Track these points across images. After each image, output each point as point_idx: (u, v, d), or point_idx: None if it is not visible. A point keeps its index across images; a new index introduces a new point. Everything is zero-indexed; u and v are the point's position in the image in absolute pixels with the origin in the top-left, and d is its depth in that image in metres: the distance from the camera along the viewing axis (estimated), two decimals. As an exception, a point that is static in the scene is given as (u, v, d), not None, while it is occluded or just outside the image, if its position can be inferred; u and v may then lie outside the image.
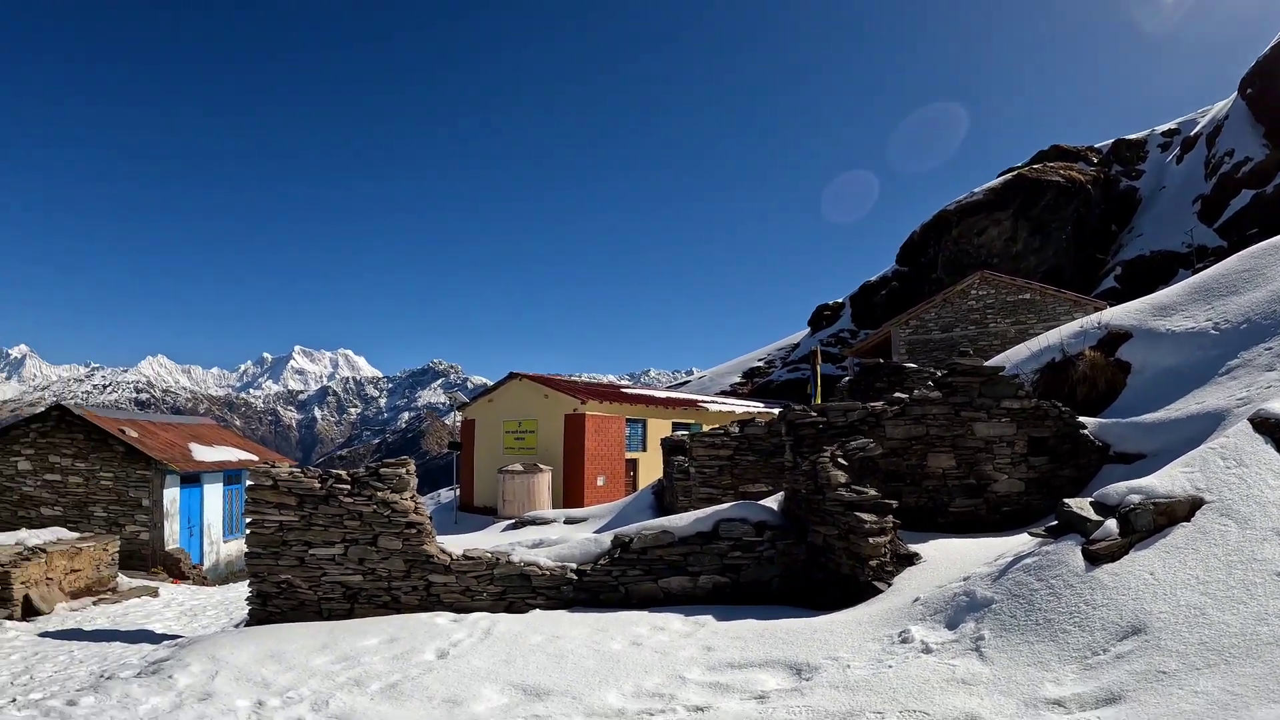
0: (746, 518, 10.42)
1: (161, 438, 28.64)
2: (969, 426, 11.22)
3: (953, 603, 6.93)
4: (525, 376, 38.13)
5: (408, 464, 10.99)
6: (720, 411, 40.48)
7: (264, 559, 10.91)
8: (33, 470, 26.05)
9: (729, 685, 6.49)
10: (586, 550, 10.81)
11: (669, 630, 8.42)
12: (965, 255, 49.89)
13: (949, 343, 33.84)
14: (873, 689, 5.75)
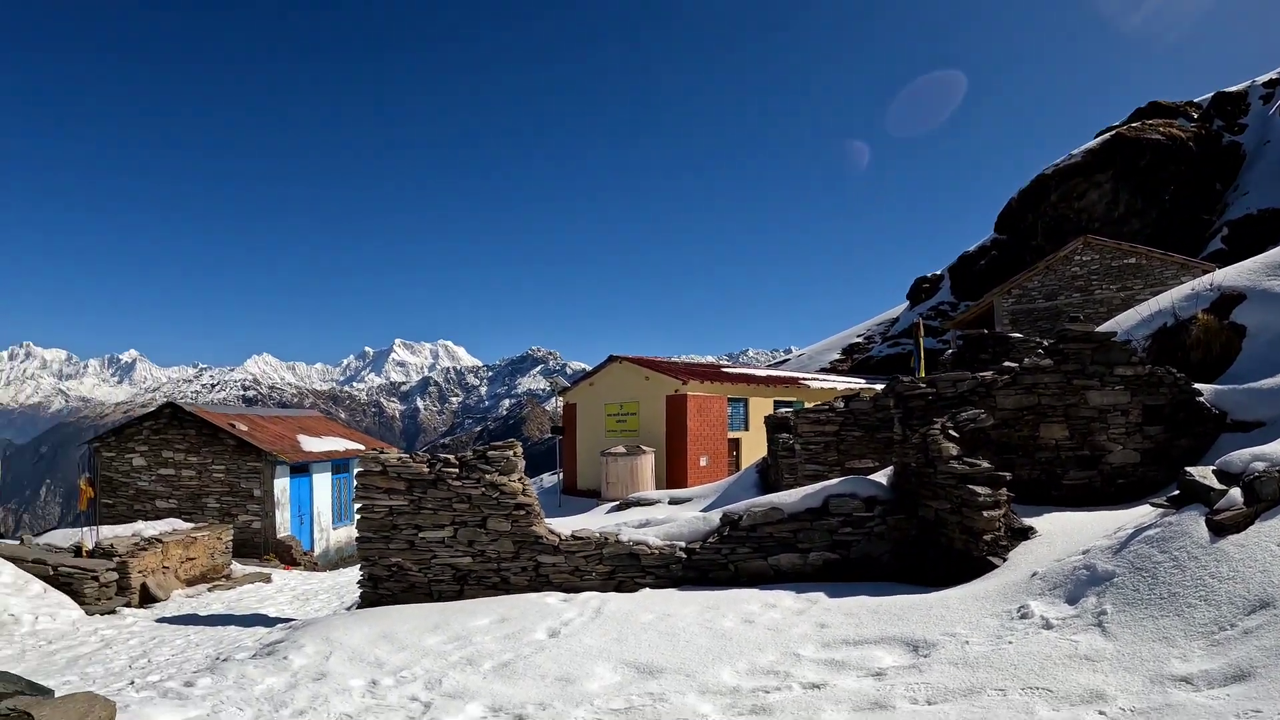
0: (856, 493, 10.26)
1: (270, 430, 29.28)
2: (1081, 395, 10.84)
3: (1072, 577, 6.72)
4: (625, 359, 38.05)
5: (515, 446, 11.03)
6: (821, 389, 39.96)
7: (374, 543, 11.05)
8: (147, 466, 26.85)
9: (844, 662, 6.38)
10: (695, 528, 10.75)
11: (780, 607, 8.31)
12: (1065, 221, 48.36)
13: (1053, 311, 32.98)
14: (993, 666, 5.60)
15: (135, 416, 28.26)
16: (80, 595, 14.17)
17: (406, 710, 6.34)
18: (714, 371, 40.14)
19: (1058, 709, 4.83)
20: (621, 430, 37.21)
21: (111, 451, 27.41)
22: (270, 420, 31.77)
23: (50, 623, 12.71)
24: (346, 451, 30.49)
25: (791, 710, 5.48)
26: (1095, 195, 48.52)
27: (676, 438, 34.90)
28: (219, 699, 6.84)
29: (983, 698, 5.18)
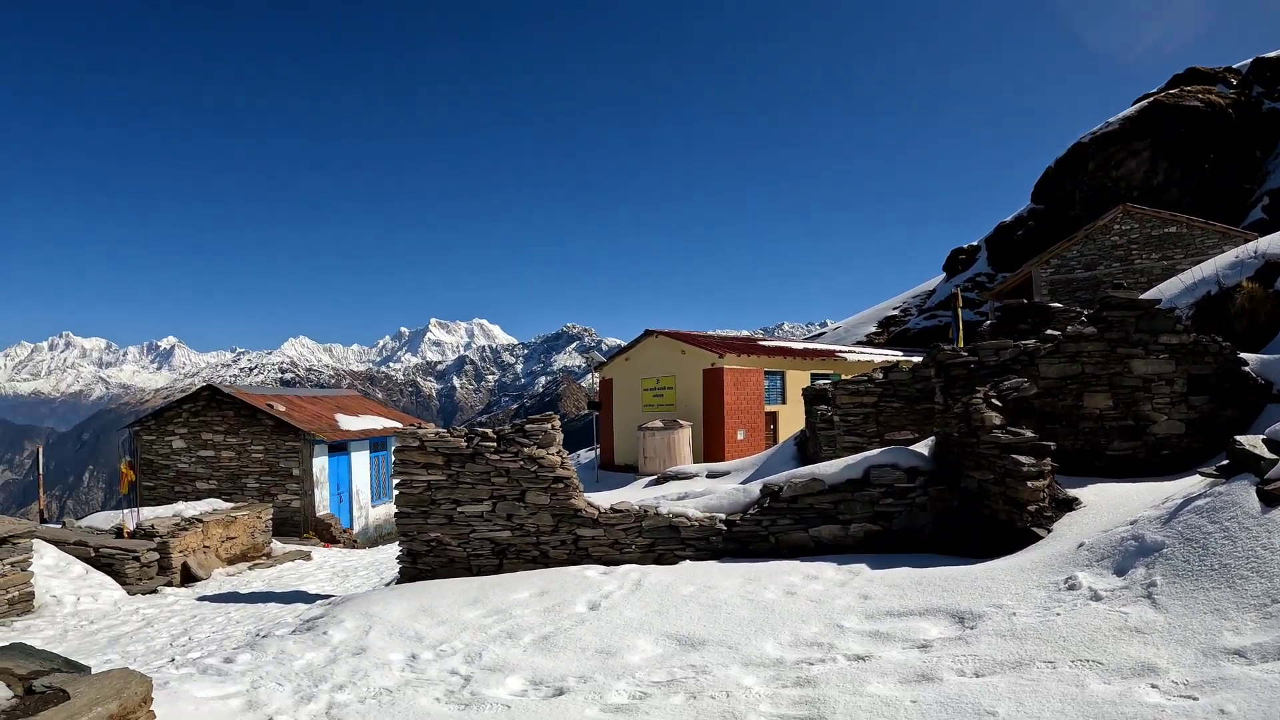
0: (897, 463, 10.13)
1: (308, 410, 29.48)
2: (1126, 364, 10.65)
3: (1120, 548, 6.59)
4: (661, 333, 37.83)
5: (553, 419, 11.00)
6: (859, 361, 39.67)
7: (413, 518, 11.08)
8: (187, 448, 27.16)
9: (889, 634, 6.28)
10: (735, 500, 10.68)
11: (823, 579, 8.22)
12: (1103, 190, 47.51)
13: (1093, 281, 32.59)
14: (1041, 637, 5.49)
15: (174, 400, 28.54)
16: (122, 575, 14.29)
17: (446, 684, 6.31)
18: (750, 345, 39.90)
19: (1109, 682, 4.73)
20: (658, 405, 37.09)
21: (151, 435, 27.74)
22: (308, 400, 32.00)
23: (92, 603, 12.81)
24: (384, 429, 30.65)
25: (837, 682, 5.40)
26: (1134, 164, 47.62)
27: (713, 411, 34.73)
28: (258, 674, 6.85)
29: (1032, 670, 5.08)
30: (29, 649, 4.83)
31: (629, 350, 39.21)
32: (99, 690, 4.26)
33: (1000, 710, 4.60)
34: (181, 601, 13.32)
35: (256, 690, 6.40)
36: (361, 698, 6.08)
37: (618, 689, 5.83)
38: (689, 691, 5.61)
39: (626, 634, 7.07)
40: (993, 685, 4.95)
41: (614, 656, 6.58)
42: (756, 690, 5.48)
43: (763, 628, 6.81)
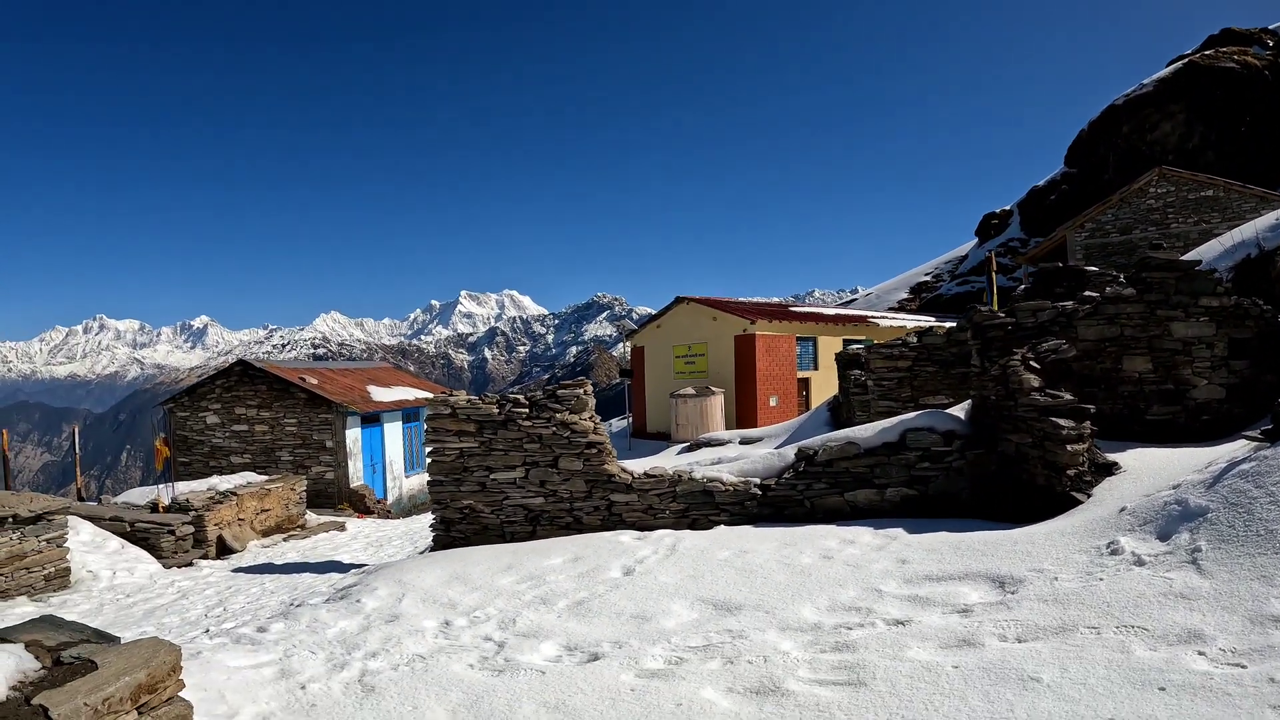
0: (934, 426, 10.00)
1: (340, 382, 29.60)
2: (1165, 327, 10.47)
3: (1163, 512, 6.45)
4: (692, 300, 37.70)
5: (585, 384, 10.94)
6: (891, 326, 39.38)
7: (446, 486, 11.08)
8: (220, 423, 27.35)
9: (928, 598, 6.19)
10: (769, 465, 10.60)
11: (859, 543, 8.13)
12: (1137, 153, 46.67)
13: (1128, 246, 32.14)
14: (1084, 603, 5.38)
15: (207, 376, 28.73)
16: (157, 549, 14.38)
17: (480, 650, 6.25)
18: (782, 311, 39.69)
19: (1155, 648, 4.61)
20: (690, 372, 37.00)
21: (185, 411, 27.95)
22: (339, 373, 32.14)
23: (128, 577, 12.88)
24: (416, 400, 30.71)
25: (876, 648, 5.31)
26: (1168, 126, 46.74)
27: (745, 378, 34.62)
28: (291, 643, 6.82)
29: (1076, 636, 4.97)
30: (58, 621, 4.80)
31: (660, 317, 39.09)
32: (127, 660, 4.22)
33: (1045, 676, 4.51)
34: (217, 573, 13.38)
35: (289, 659, 6.37)
36: (395, 665, 6.04)
37: (653, 654, 5.76)
38: (726, 657, 5.53)
39: (661, 599, 7.01)
40: (1036, 651, 4.86)
41: (649, 622, 6.51)
42: (794, 655, 5.39)
43: (799, 592, 6.73)
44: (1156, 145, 46.30)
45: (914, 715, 4.34)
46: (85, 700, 3.85)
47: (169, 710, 4.32)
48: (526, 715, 4.92)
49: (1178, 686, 4.15)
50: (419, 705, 5.20)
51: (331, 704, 5.37)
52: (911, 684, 4.69)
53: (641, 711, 4.81)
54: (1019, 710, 4.20)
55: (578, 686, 5.26)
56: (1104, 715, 4.01)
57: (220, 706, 5.35)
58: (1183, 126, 46.32)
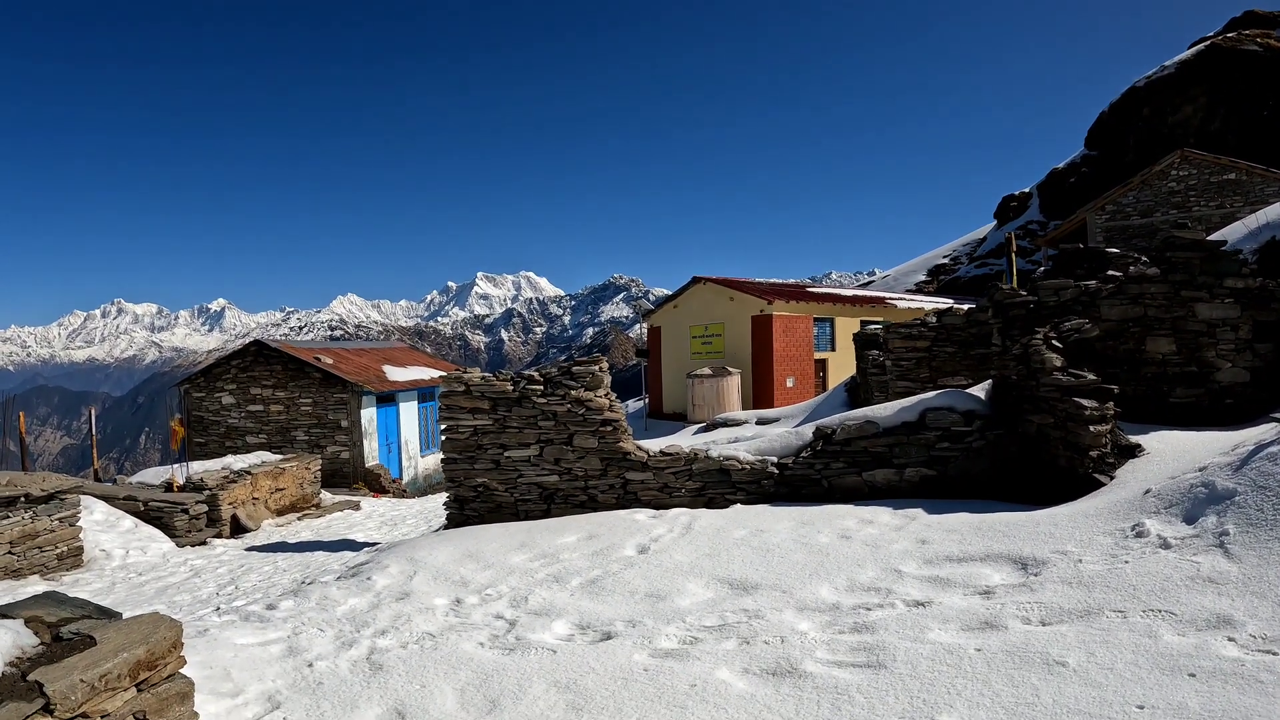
0: (954, 406, 9.86)
1: (355, 362, 29.56)
2: (1189, 308, 10.28)
3: (1189, 495, 6.31)
4: (709, 280, 37.54)
5: (600, 361, 10.84)
6: (909, 308, 39.14)
7: (460, 464, 11.00)
8: (236, 404, 27.36)
9: (949, 579, 6.06)
10: (787, 443, 10.48)
11: (878, 523, 8.00)
12: (1159, 136, 46.16)
13: (1149, 229, 31.86)
14: (1109, 586, 5.25)
15: (222, 356, 28.72)
16: (171, 528, 14.35)
17: (491, 628, 6.17)
18: (800, 291, 39.51)
19: (1184, 634, 4.48)
20: (707, 352, 36.89)
21: (201, 392, 27.95)
22: (355, 353, 32.10)
23: (141, 556, 12.88)
24: (432, 380, 30.64)
25: (896, 629, 5.19)
26: (1190, 109, 46.22)
27: (762, 358, 34.52)
28: (300, 620, 6.75)
29: (1101, 619, 4.84)
30: (61, 597, 4.72)
31: (677, 297, 38.97)
32: (126, 636, 4.14)
33: (1071, 660, 4.39)
34: (230, 552, 13.35)
35: (297, 636, 6.29)
36: (404, 643, 5.96)
37: (667, 633, 5.67)
38: (741, 636, 5.43)
39: (676, 577, 6.92)
40: (1061, 634, 4.75)
41: (663, 600, 6.43)
42: (812, 636, 5.29)
43: (817, 572, 6.61)
44: (1178, 128, 45.83)
45: (935, 699, 4.23)
46: (82, 677, 3.76)
47: (170, 687, 4.23)
48: (536, 695, 4.84)
49: (1208, 673, 4.02)
50: (427, 684, 5.12)
51: (338, 682, 5.29)
52: (933, 666, 4.59)
53: (654, 692, 4.72)
54: (1044, 695, 4.09)
55: (589, 666, 5.17)
56: (1133, 702, 3.89)
57: (225, 684, 5.28)
58: (1204, 109, 45.83)
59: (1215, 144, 42.16)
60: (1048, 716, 3.90)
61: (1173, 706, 3.78)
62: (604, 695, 4.73)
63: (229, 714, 4.93)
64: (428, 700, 4.90)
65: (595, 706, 4.62)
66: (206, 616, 7.72)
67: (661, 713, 4.48)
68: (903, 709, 4.19)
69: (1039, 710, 3.96)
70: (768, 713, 4.36)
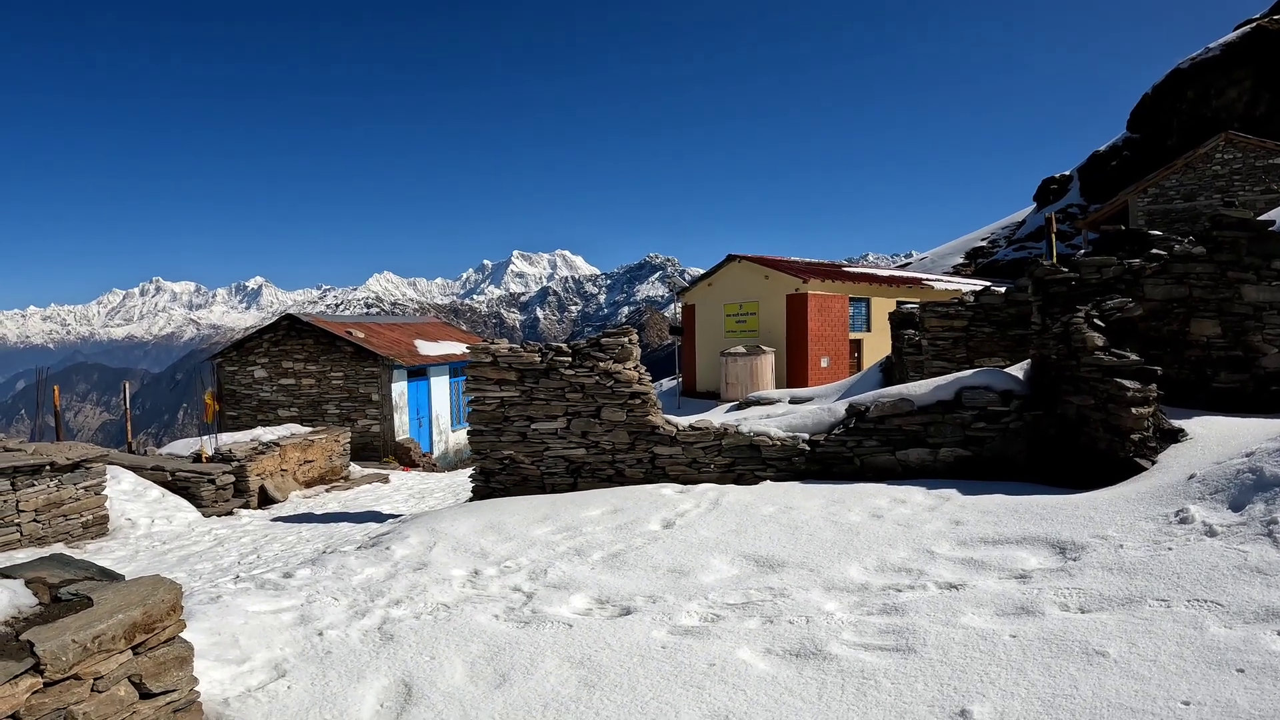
0: (991, 385, 9.62)
1: (387, 336, 29.63)
2: (1236, 289, 9.95)
3: (1236, 481, 6.09)
4: (744, 258, 37.42)
5: (630, 333, 10.70)
6: (946, 290, 38.76)
7: (486, 436, 10.91)
8: (268, 377, 27.52)
9: (984, 562, 5.85)
10: (819, 420, 10.29)
11: (910, 503, 7.81)
12: (1202, 120, 45.33)
13: (1191, 213, 31.35)
14: (1152, 573, 5.03)
15: (255, 331, 28.86)
16: (197, 498, 14.39)
17: (507, 601, 6.02)
18: (835, 270, 39.28)
19: (1230, 626, 4.25)
20: (741, 331, 36.77)
21: (234, 366, 28.16)
22: (387, 327, 32.19)
23: (166, 525, 12.91)
24: (464, 355, 30.67)
25: (927, 612, 4.99)
26: (1234, 93, 45.27)
27: (797, 338, 34.35)
28: (315, 589, 6.63)
29: (1143, 608, 4.62)
30: (67, 559, 4.63)
31: (711, 275, 38.85)
32: (124, 597, 4.02)
33: (1111, 651, 4.18)
34: (255, 522, 13.35)
35: (311, 605, 6.17)
36: (417, 614, 5.82)
37: (688, 610, 5.50)
38: (765, 615, 5.25)
39: (701, 553, 6.76)
40: (1101, 622, 4.53)
41: (686, 576, 6.26)
42: (839, 616, 5.09)
43: (846, 551, 6.43)
44: (1222, 112, 44.95)
45: (967, 687, 4.03)
46: (74, 637, 3.64)
47: (167, 651, 4.11)
48: (548, 670, 4.68)
49: (1257, 669, 3.80)
50: (437, 655, 4.98)
51: (347, 652, 5.16)
52: (965, 652, 4.38)
53: (671, 670, 4.54)
54: (1083, 687, 3.87)
55: (605, 642, 5.01)
56: (1178, 697, 3.67)
57: (232, 651, 5.16)
58: (1249, 93, 44.91)
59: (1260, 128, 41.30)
60: (1087, 710, 3.68)
61: (1220, 703, 3.57)
62: (618, 672, 4.57)
63: (233, 681, 4.81)
64: (436, 672, 4.76)
65: (608, 683, 4.46)
66: (223, 584, 7.64)
67: (677, 692, 4.31)
68: (932, 697, 3.99)
69: (1078, 703, 3.75)
70: (789, 696, 4.17)
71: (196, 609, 5.88)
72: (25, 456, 11.25)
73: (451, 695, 4.48)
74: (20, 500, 11.11)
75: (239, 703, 4.54)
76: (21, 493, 11.14)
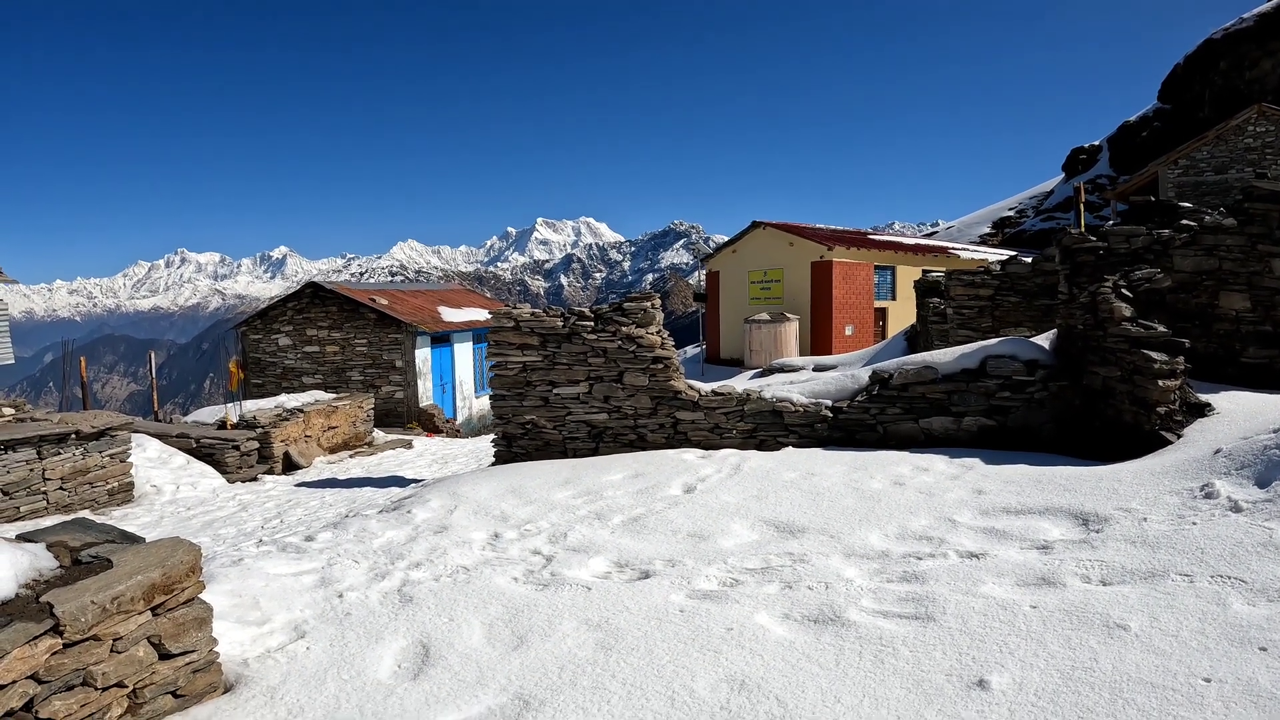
0: (1017, 354, 9.53)
1: (410, 303, 29.69)
2: (1266, 263, 9.80)
3: (1263, 457, 5.99)
4: (769, 224, 37.36)
5: (652, 297, 10.69)
6: (972, 259, 38.54)
7: (508, 400, 10.95)
8: (292, 345, 27.65)
9: (1006, 532, 5.80)
10: (842, 386, 10.24)
11: (933, 471, 7.76)
12: (1235, 92, 44.56)
13: (1222, 186, 30.91)
14: (1175, 547, 4.95)
15: (279, 299, 29.00)
16: (222, 465, 14.54)
17: (527, 563, 6.03)
18: (861, 238, 39.12)
19: (1254, 604, 4.17)
20: (765, 298, 36.74)
21: (258, 334, 28.34)
22: (410, 294, 32.25)
23: (191, 491, 13.06)
24: (487, 321, 30.71)
25: (947, 580, 4.95)
26: (1269, 64, 44.40)
27: (821, 305, 34.32)
28: (336, 552, 6.67)
29: (1166, 582, 4.55)
30: (88, 523, 4.67)
31: (736, 242, 38.76)
32: (143, 559, 4.05)
33: (1133, 624, 4.12)
34: (279, 488, 13.45)
35: (331, 567, 6.21)
36: (437, 576, 5.83)
37: (707, 574, 5.49)
38: (784, 581, 5.23)
39: (721, 518, 6.74)
40: (1123, 595, 4.47)
41: (706, 541, 6.25)
42: (858, 583, 5.07)
43: (868, 518, 6.39)
44: (1255, 84, 44.20)
45: (986, 656, 3.99)
46: (93, 598, 3.67)
47: (186, 612, 4.13)
48: (565, 632, 4.68)
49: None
50: (455, 617, 4.99)
51: (367, 613, 5.18)
52: (984, 622, 4.34)
53: (688, 634, 4.53)
54: (1103, 660, 3.83)
55: (623, 605, 5.00)
56: (1199, 674, 3.61)
57: (253, 613, 5.19)
58: (1284, 65, 44.13)
59: (1294, 104, 40.69)
60: (1106, 684, 3.63)
61: (1242, 681, 3.51)
62: (635, 635, 4.56)
63: (253, 642, 4.84)
64: (454, 634, 4.77)
65: (625, 646, 4.45)
66: (246, 548, 7.68)
67: (694, 655, 4.30)
68: (950, 666, 3.96)
69: (1097, 676, 3.71)
70: (806, 661, 4.15)
71: (218, 572, 5.93)
72: (51, 425, 11.39)
73: (469, 656, 4.49)
74: (47, 469, 11.26)
75: (258, 663, 4.57)
76: (48, 461, 11.27)
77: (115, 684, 3.79)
